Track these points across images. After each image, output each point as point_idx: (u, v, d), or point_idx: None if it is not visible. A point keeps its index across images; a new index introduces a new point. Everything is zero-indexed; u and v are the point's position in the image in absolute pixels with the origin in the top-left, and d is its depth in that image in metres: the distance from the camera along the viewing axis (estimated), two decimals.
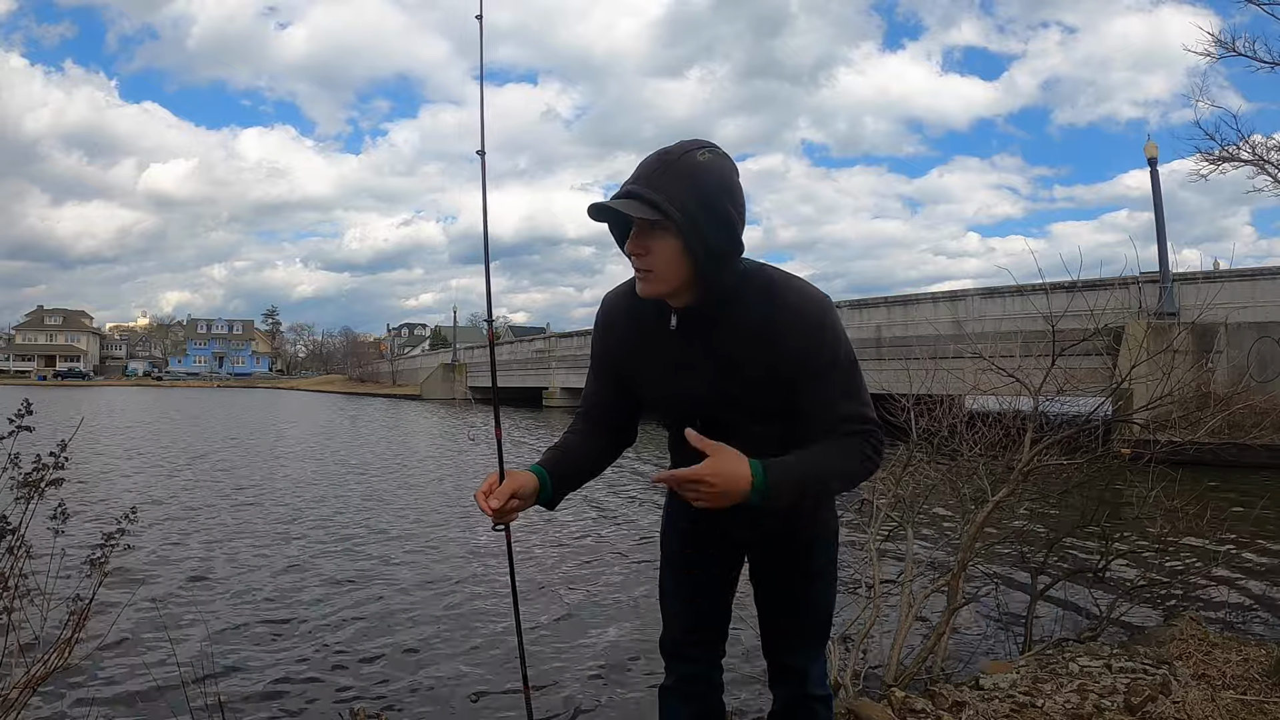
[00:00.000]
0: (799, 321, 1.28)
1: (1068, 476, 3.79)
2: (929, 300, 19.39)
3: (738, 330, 1.30)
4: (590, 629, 4.36)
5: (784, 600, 1.52)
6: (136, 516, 2.07)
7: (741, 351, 1.31)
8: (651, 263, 1.26)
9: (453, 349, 52.02)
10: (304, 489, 9.71)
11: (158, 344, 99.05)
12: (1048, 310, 4.13)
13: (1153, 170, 15.02)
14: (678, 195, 1.20)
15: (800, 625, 1.53)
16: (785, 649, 1.54)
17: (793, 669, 1.55)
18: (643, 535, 6.90)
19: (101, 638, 3.43)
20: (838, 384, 1.30)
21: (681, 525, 1.58)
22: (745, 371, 1.31)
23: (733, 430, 1.32)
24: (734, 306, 1.30)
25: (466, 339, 55.85)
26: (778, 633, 1.54)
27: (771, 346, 1.29)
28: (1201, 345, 12.72)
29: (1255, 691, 2.54)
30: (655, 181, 1.21)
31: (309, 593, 5.00)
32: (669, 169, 1.22)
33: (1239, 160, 10.50)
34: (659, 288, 1.28)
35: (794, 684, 1.55)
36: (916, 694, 2.69)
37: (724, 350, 1.32)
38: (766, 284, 1.31)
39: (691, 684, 1.57)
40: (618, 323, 1.45)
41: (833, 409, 1.29)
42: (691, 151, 1.24)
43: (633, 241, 1.26)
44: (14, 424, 1.81)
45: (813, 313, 1.29)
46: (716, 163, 1.25)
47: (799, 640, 1.53)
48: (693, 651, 1.57)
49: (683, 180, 1.21)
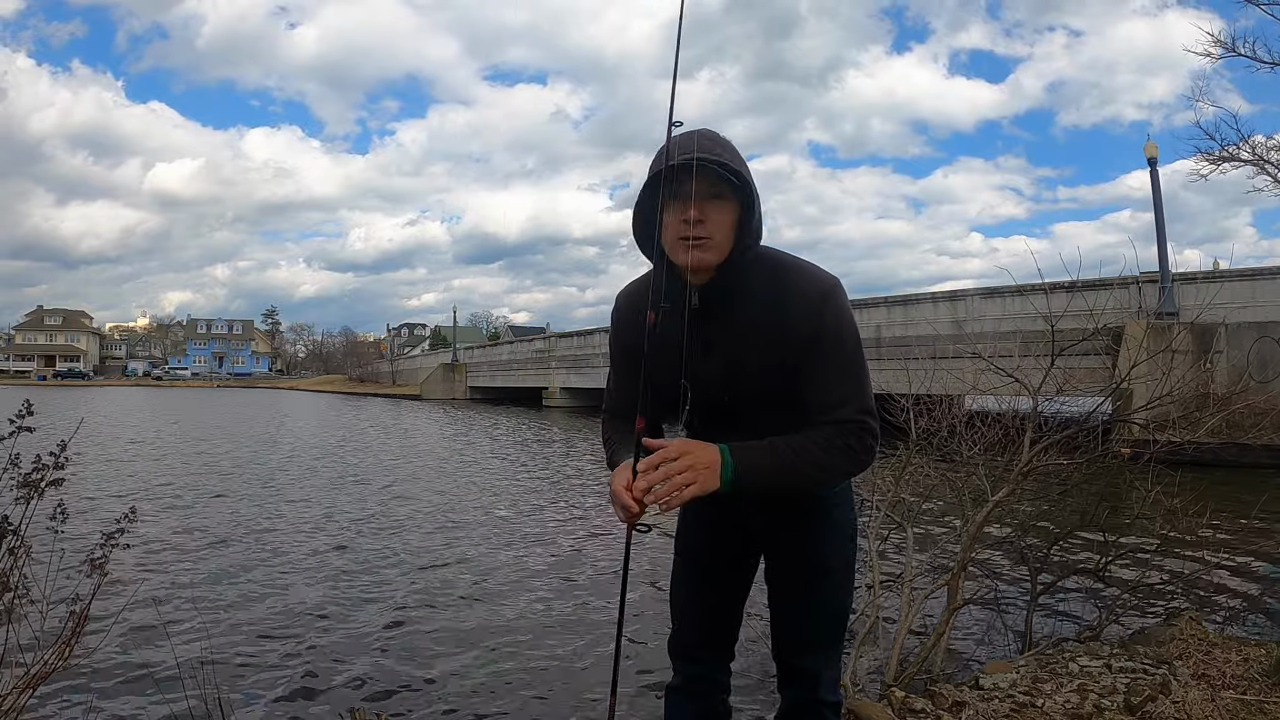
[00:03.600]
0: (802, 302, 1.30)
1: (1067, 476, 3.79)
2: (929, 300, 19.37)
3: (749, 310, 1.33)
4: (596, 626, 4.36)
5: (797, 599, 1.49)
6: (136, 516, 2.07)
7: (752, 331, 1.33)
8: (710, 230, 1.28)
9: (453, 349, 52.01)
10: (304, 489, 9.70)
11: (157, 344, 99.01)
12: (1047, 310, 4.13)
13: (1152, 170, 15.02)
14: (742, 168, 1.28)
15: (813, 625, 1.49)
16: (797, 650, 1.51)
17: (804, 672, 1.52)
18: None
19: (102, 638, 3.42)
20: (833, 370, 1.29)
21: (698, 524, 1.57)
22: (754, 352, 1.33)
23: (738, 418, 1.35)
24: (746, 287, 1.34)
25: (466, 339, 55.88)
26: (790, 633, 1.51)
27: (777, 327, 1.31)
28: (1201, 345, 12.72)
29: (1255, 691, 2.54)
30: (718, 153, 1.26)
31: (309, 592, 4.99)
32: (725, 146, 1.29)
33: (1239, 160, 10.52)
34: (714, 256, 1.29)
35: (804, 687, 1.52)
36: (916, 694, 2.69)
37: (737, 330, 1.34)
38: (775, 266, 1.35)
39: (698, 684, 1.56)
40: (630, 315, 1.45)
41: (824, 394, 1.29)
42: (701, 132, 1.30)
43: (691, 211, 1.26)
44: (14, 424, 1.81)
45: (814, 294, 1.31)
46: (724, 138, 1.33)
47: (811, 642, 1.50)
48: (701, 653, 1.56)
49: (739, 156, 1.29)
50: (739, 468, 1.23)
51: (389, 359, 74.26)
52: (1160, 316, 13.64)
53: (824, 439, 1.27)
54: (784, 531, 1.46)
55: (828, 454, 1.26)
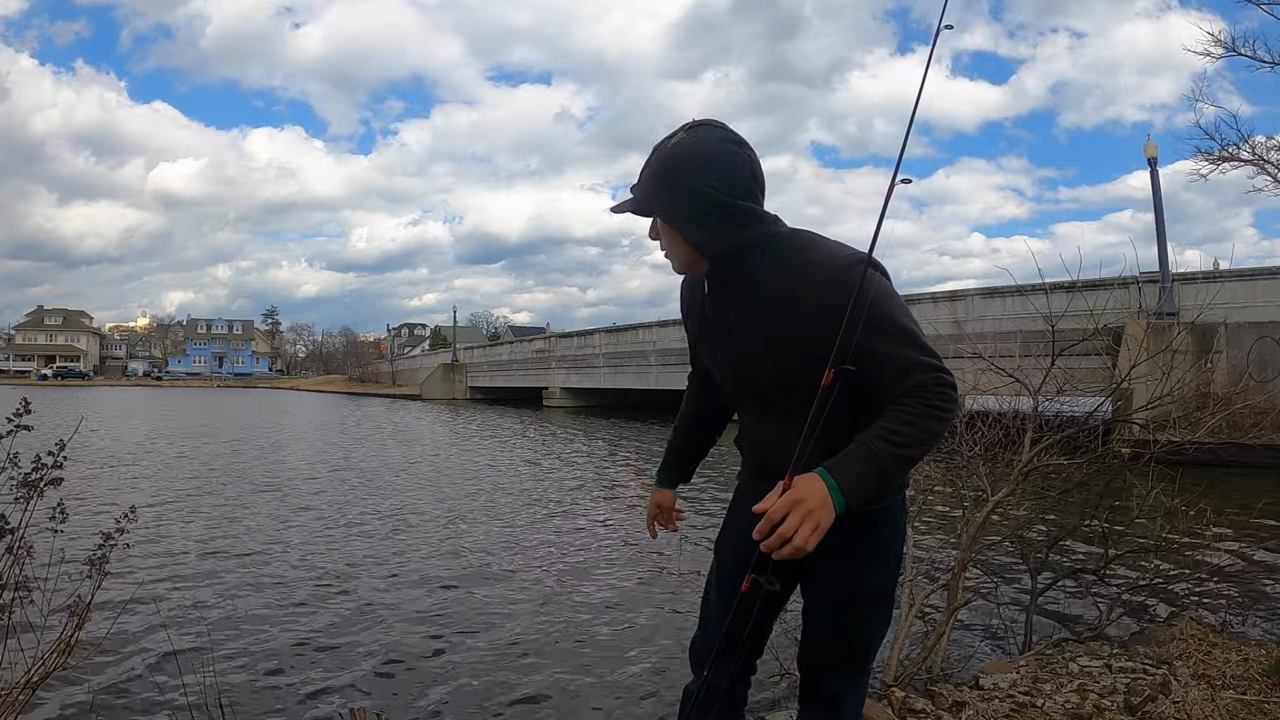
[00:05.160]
0: (820, 274, 1.26)
1: (1068, 476, 3.79)
2: (929, 300, 19.37)
3: (764, 287, 1.32)
4: (601, 630, 4.36)
5: (827, 621, 1.44)
6: (136, 516, 2.07)
7: (768, 307, 1.32)
8: (667, 248, 1.40)
9: (452, 349, 52.01)
10: (305, 489, 9.70)
11: (157, 344, 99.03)
12: (1048, 310, 4.13)
13: (1152, 170, 15.03)
14: (651, 188, 1.33)
15: (845, 646, 1.44)
16: (823, 669, 1.47)
17: (826, 694, 1.47)
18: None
19: (102, 637, 3.43)
20: (887, 341, 1.22)
21: (740, 529, 1.51)
22: (773, 326, 1.31)
23: (774, 401, 1.38)
24: (756, 266, 1.33)
25: (466, 339, 55.88)
26: (815, 652, 1.47)
27: (796, 298, 1.28)
28: (1201, 345, 12.72)
29: (1255, 691, 2.53)
30: (643, 177, 1.35)
31: (310, 592, 4.99)
32: (647, 165, 1.34)
33: (1239, 160, 10.53)
34: (676, 264, 1.42)
35: (824, 710, 1.47)
36: (916, 694, 2.69)
37: (752, 308, 1.35)
38: (799, 243, 1.33)
39: (715, 694, 1.49)
40: (684, 300, 1.59)
41: (890, 367, 1.21)
42: (669, 139, 1.33)
43: (651, 232, 1.41)
44: (12, 423, 1.81)
45: (835, 265, 1.26)
46: (688, 140, 1.31)
47: (842, 663, 1.46)
48: (724, 663, 1.48)
49: (653, 172, 1.33)
50: (844, 487, 1.16)
51: (389, 359, 74.26)
52: (1160, 316, 13.65)
53: (908, 412, 1.20)
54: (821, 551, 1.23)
55: (917, 426, 1.19)
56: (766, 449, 1.44)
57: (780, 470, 1.20)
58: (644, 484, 11.39)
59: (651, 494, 1.81)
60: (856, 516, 1.25)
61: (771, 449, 1.37)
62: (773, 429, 1.40)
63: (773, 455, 1.35)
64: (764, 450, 1.46)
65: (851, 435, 1.21)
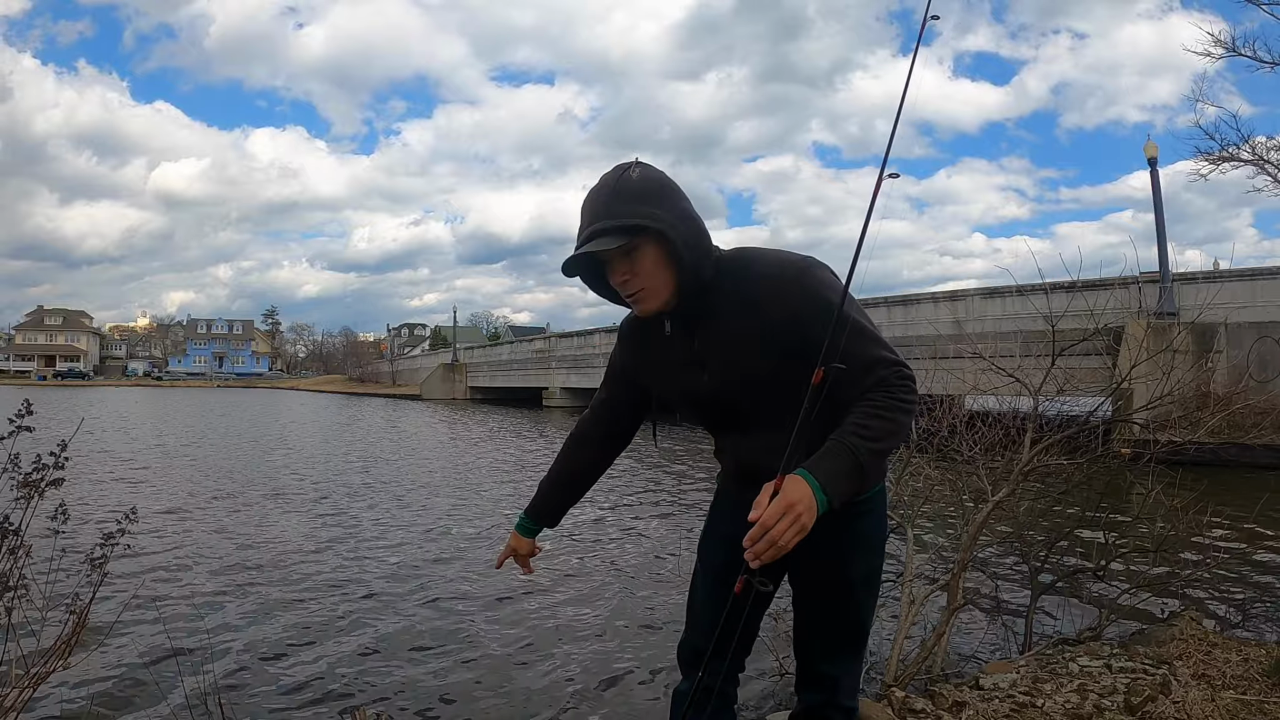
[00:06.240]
0: (775, 285, 1.30)
1: (1068, 476, 3.79)
2: (929, 300, 19.36)
3: (726, 314, 1.34)
4: (602, 630, 4.36)
5: (818, 610, 1.48)
6: (136, 516, 2.07)
7: (735, 333, 1.34)
8: (641, 281, 1.32)
9: (452, 349, 52.00)
10: (305, 489, 9.70)
11: (158, 344, 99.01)
12: (1048, 310, 4.13)
13: (1152, 170, 15.04)
14: (638, 208, 1.27)
15: (840, 630, 1.48)
16: (821, 655, 1.50)
17: (826, 677, 1.51)
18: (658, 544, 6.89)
19: (102, 638, 3.43)
20: (846, 340, 1.24)
21: (718, 536, 1.55)
22: (745, 350, 1.33)
23: (756, 415, 1.36)
24: (717, 294, 1.34)
25: (466, 339, 55.87)
26: (809, 639, 1.50)
27: (758, 317, 1.31)
28: (1201, 345, 12.72)
29: (1255, 691, 2.53)
30: (613, 209, 1.28)
31: (312, 592, 4.99)
32: (617, 195, 1.29)
33: (1239, 160, 10.53)
34: (654, 302, 1.34)
35: (824, 691, 1.51)
36: (916, 694, 2.69)
37: (720, 337, 1.35)
38: (744, 263, 1.35)
39: (706, 696, 1.50)
40: (628, 338, 1.55)
41: (852, 361, 1.24)
42: (624, 174, 1.31)
43: (615, 274, 1.33)
44: (14, 424, 1.81)
45: (787, 273, 1.31)
46: (649, 171, 1.32)
47: (836, 647, 1.49)
48: (713, 664, 1.49)
49: (634, 195, 1.28)
50: (826, 486, 1.18)
51: (389, 359, 74.27)
52: (1160, 316, 13.65)
53: (877, 406, 1.24)
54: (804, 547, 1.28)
55: (886, 419, 1.24)
56: (753, 457, 1.44)
57: (769, 474, 1.22)
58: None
59: (510, 539, 1.80)
60: (838, 511, 1.27)
61: (759, 455, 1.39)
62: (758, 439, 1.41)
63: (761, 460, 1.36)
64: (751, 458, 1.46)
65: (824, 431, 1.24)
